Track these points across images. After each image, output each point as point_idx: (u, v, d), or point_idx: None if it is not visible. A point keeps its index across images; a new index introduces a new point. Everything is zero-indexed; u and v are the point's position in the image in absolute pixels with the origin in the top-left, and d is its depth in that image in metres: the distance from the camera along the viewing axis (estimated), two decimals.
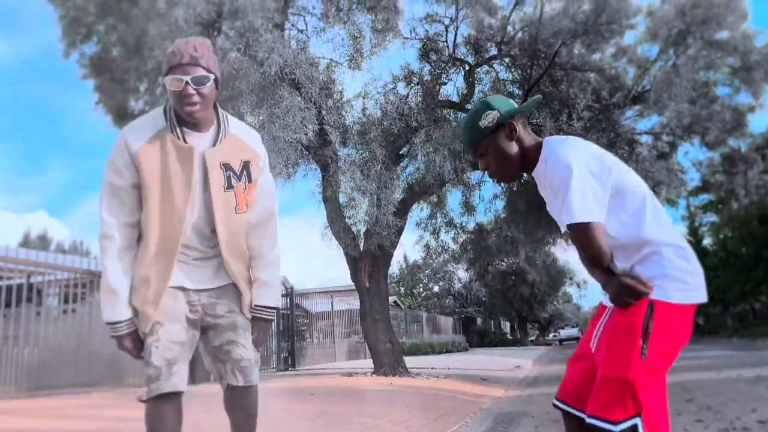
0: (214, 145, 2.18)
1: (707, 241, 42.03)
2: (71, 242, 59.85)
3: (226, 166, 2.18)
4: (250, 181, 2.23)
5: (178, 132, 2.13)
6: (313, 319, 22.54)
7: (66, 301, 10.47)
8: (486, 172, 2.19)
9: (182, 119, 2.13)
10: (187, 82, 2.03)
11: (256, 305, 2.31)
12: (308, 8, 10.30)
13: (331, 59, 11.46)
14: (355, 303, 24.30)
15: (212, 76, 2.11)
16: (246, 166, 2.23)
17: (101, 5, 10.61)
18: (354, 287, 12.94)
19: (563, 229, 1.93)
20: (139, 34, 9.98)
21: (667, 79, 10.20)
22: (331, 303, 24.97)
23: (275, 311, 2.36)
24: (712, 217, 41.20)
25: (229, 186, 2.17)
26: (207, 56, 2.11)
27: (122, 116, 11.08)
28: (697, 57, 11.01)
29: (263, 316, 2.31)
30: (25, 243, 68.30)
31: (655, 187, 10.09)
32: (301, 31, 10.51)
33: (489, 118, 2.10)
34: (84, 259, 11.19)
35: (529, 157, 2.11)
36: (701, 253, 41.20)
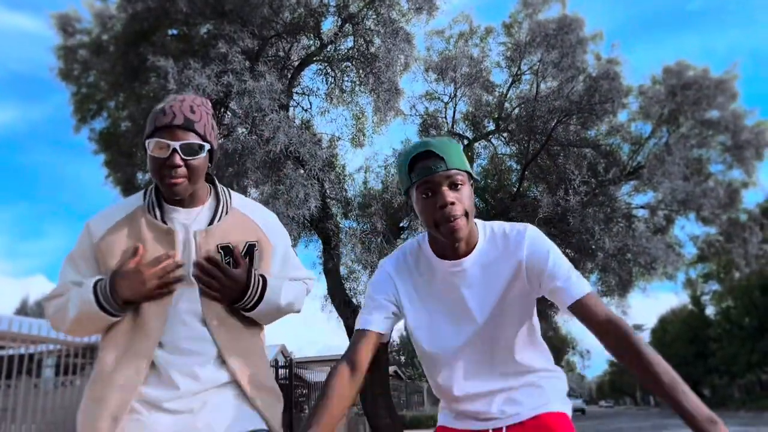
0: (210, 224, 1.74)
1: (710, 311, 41.77)
2: None
3: (225, 249, 1.73)
4: (254, 267, 1.77)
5: (156, 211, 1.71)
6: (312, 390, 22.23)
7: (64, 372, 10.44)
8: (445, 211, 1.61)
9: (168, 199, 1.73)
10: (174, 150, 1.62)
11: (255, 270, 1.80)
12: (313, 89, 10.73)
13: (333, 134, 11.92)
14: None
15: (207, 146, 1.69)
16: (250, 249, 1.78)
17: (113, 83, 11.05)
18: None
19: (568, 303, 1.62)
20: (149, 110, 10.37)
21: (660, 158, 10.52)
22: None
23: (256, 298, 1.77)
24: (714, 286, 41.21)
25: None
26: (204, 121, 1.71)
27: (130, 189, 11.37)
28: (689, 135, 11.38)
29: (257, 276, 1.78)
30: (23, 309, 68.13)
31: (651, 263, 10.23)
32: (306, 110, 10.93)
33: (464, 155, 1.75)
34: None
35: (471, 232, 1.73)
36: (704, 324, 40.96)
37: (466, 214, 1.64)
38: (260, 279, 1.77)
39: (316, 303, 13.31)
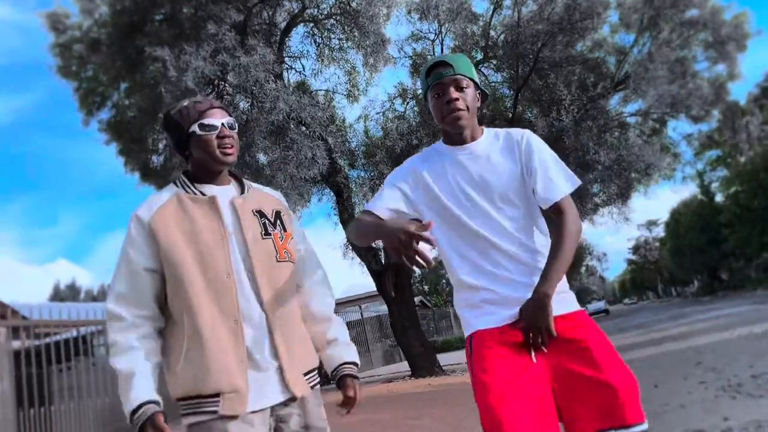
0: (241, 194, 1.98)
1: (719, 198, 42.31)
2: (99, 287, 61.02)
3: (260, 213, 1.97)
4: (285, 230, 2.01)
5: (193, 189, 1.91)
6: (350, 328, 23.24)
7: None
8: (451, 105, 1.97)
9: (196, 178, 1.94)
10: (222, 124, 1.87)
11: (345, 362, 2.10)
12: (303, 52, 11.10)
13: (328, 90, 12.35)
14: (381, 308, 25.08)
15: (236, 124, 1.99)
16: (278, 215, 2.03)
17: (114, 76, 11.47)
18: (374, 292, 13.76)
19: (546, 203, 1.98)
20: (153, 97, 10.86)
21: (643, 67, 10.87)
22: (360, 312, 25.75)
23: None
24: (721, 172, 41.64)
25: (266, 233, 1.94)
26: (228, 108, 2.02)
27: (147, 174, 11.95)
28: (671, 39, 11.66)
29: (354, 372, 2.10)
30: (56, 294, 70.34)
31: (647, 170, 10.76)
32: (300, 72, 11.33)
33: (474, 70, 2.09)
34: None
35: (474, 127, 2.07)
36: (715, 211, 41.58)
37: (468, 109, 1.99)
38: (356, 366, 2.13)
39: (337, 252, 14.06)
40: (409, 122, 12.87)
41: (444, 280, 50.79)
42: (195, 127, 1.87)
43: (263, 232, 1.93)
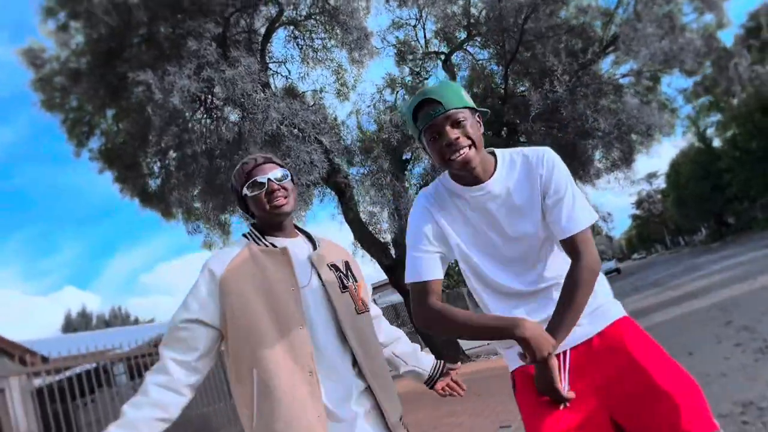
0: (315, 248, 2.03)
1: (716, 144, 42.13)
2: (110, 310, 60.92)
3: (335, 267, 2.01)
4: (356, 280, 2.06)
5: (264, 241, 1.96)
6: None
7: (138, 374, 11.21)
8: (452, 147, 1.77)
9: (264, 231, 2.01)
10: (269, 179, 1.92)
11: (437, 361, 2.32)
12: (287, 56, 10.92)
13: (316, 91, 12.16)
14: (394, 297, 25.05)
15: (288, 172, 2.02)
16: (348, 266, 2.08)
17: (99, 105, 11.31)
18: (388, 280, 13.70)
19: (563, 235, 1.79)
20: (141, 122, 10.71)
21: (630, 27, 10.69)
22: (374, 301, 25.78)
23: None
24: (716, 117, 41.42)
25: (344, 287, 1.98)
26: (277, 158, 2.05)
27: (146, 199, 11.82)
28: None
29: (446, 367, 2.33)
30: (68, 324, 70.41)
31: (648, 130, 10.62)
32: (286, 77, 11.16)
33: (466, 93, 1.88)
34: (136, 327, 11.94)
35: (485, 160, 1.86)
36: (715, 157, 41.41)
37: (473, 145, 1.78)
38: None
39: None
40: (402, 112, 12.71)
41: (453, 261, 50.81)
42: (246, 190, 1.95)
43: (341, 286, 1.97)
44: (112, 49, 9.99)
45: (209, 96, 10.41)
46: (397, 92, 14.09)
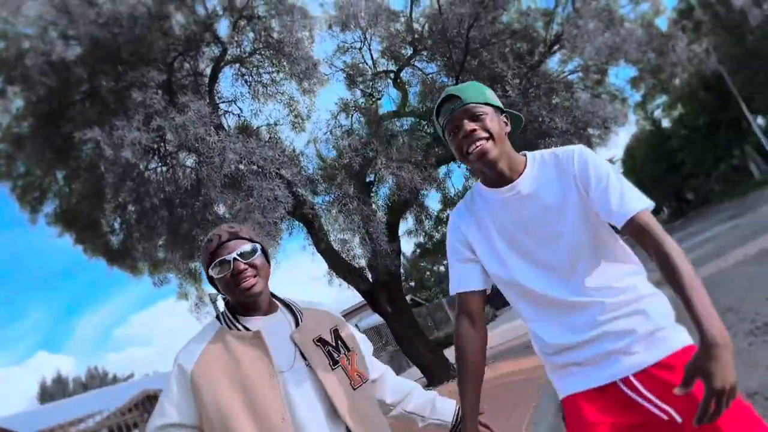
0: (297, 324, 1.85)
1: (666, 125, 43.21)
2: (86, 372, 58.86)
3: (322, 342, 1.84)
4: (348, 349, 1.89)
5: (238, 325, 1.80)
6: None
7: None
8: (468, 138, 1.73)
9: (237, 311, 1.85)
10: (235, 258, 1.77)
11: (458, 407, 2.12)
12: (236, 95, 10.76)
13: (271, 125, 12.00)
14: (374, 317, 24.83)
15: (258, 246, 1.86)
16: (337, 335, 1.91)
17: (46, 167, 10.95)
18: (365, 301, 13.54)
19: (621, 220, 1.63)
20: (94, 180, 10.39)
21: (572, 24, 10.84)
22: (357, 326, 25.50)
23: None
24: (661, 99, 42.50)
25: (334, 362, 1.81)
26: (245, 229, 1.89)
27: (112, 257, 11.47)
28: None
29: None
30: (44, 392, 67.83)
31: (604, 123, 10.73)
32: (239, 115, 10.98)
33: (491, 93, 1.85)
34: (115, 387, 11.58)
35: (512, 158, 1.80)
36: (666, 138, 42.43)
37: (491, 137, 1.72)
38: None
39: (321, 282, 13.75)
40: (359, 135, 12.63)
41: (428, 273, 50.79)
42: (211, 271, 1.82)
43: (331, 363, 1.82)
44: (53, 109, 9.69)
45: (162, 144, 10.16)
46: (352, 115, 13.99)
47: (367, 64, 14.43)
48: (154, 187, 10.15)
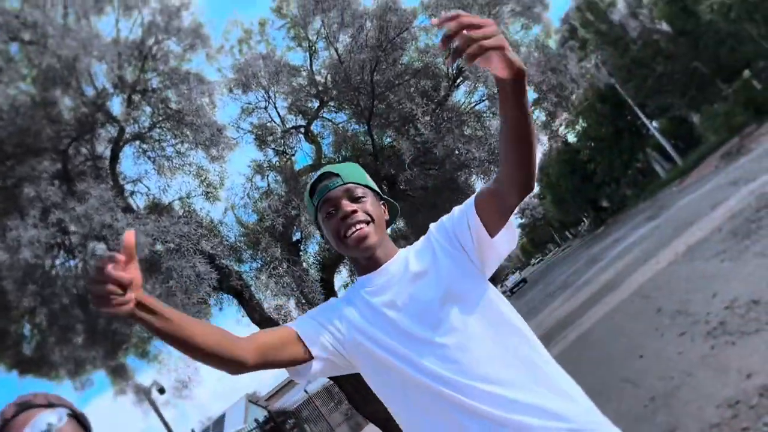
0: None
1: (572, 139, 45.12)
2: None
3: None
4: None
5: None
6: (296, 416, 22.13)
7: None
8: (347, 220, 1.57)
9: None
10: None
11: None
12: (141, 173, 10.15)
13: (183, 198, 11.38)
14: (324, 379, 24.02)
15: (68, 412, 1.44)
16: None
17: None
18: None
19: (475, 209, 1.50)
20: None
21: None
22: (305, 391, 24.65)
23: None
24: (562, 117, 44.47)
25: None
26: (46, 397, 1.46)
27: (25, 368, 10.52)
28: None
29: None
30: None
31: (494, 139, 10.80)
32: (146, 194, 10.35)
33: (369, 178, 1.75)
34: None
35: (388, 248, 1.66)
36: (574, 152, 44.21)
37: (372, 221, 1.60)
38: None
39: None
40: (278, 194, 12.21)
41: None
42: None
43: None
44: None
45: (66, 238, 9.39)
46: (268, 176, 13.57)
47: (275, 122, 14.11)
48: (63, 285, 9.32)
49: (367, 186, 1.69)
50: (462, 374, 1.43)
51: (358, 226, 1.58)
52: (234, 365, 1.35)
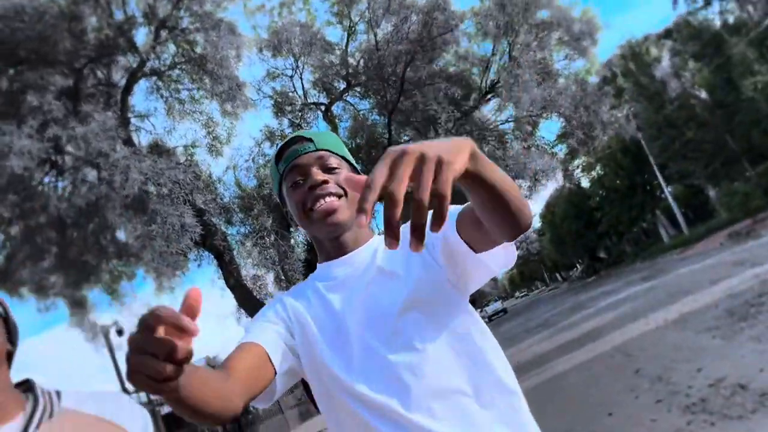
0: None
1: (585, 184, 44.85)
2: None
3: None
4: None
5: None
6: None
7: None
8: (315, 191, 1.31)
9: None
10: None
11: None
12: (150, 110, 9.89)
13: (187, 146, 11.12)
14: None
15: None
16: None
17: None
18: None
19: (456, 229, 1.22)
20: None
21: (509, 72, 10.70)
22: None
23: None
24: (580, 160, 44.24)
25: None
26: None
27: None
28: (529, 42, 11.64)
29: None
30: None
31: (535, 176, 10.54)
32: (151, 132, 10.09)
33: (345, 148, 1.48)
34: None
35: (359, 232, 1.41)
36: (585, 197, 43.95)
37: (344, 195, 1.33)
38: None
39: (230, 320, 12.80)
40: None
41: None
42: None
43: None
44: None
45: (60, 157, 9.12)
46: (277, 145, 13.30)
47: (297, 93, 13.86)
48: (44, 204, 9.05)
49: (343, 158, 1.40)
50: (405, 405, 1.15)
51: (327, 199, 1.31)
52: (226, 418, 1.07)
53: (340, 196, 1.32)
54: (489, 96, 12.22)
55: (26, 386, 1.28)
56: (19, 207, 8.47)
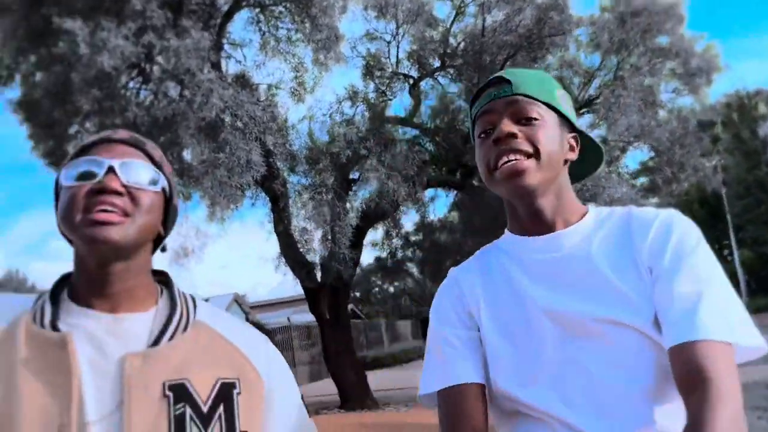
0: (156, 343, 0.99)
1: None
2: (5, 273, 55.49)
3: (178, 390, 0.96)
4: (233, 427, 0.99)
5: (46, 315, 0.97)
6: (269, 336, 22.12)
7: None
8: (500, 146, 1.10)
9: (78, 293, 1.02)
10: (110, 168, 0.98)
11: None
12: (245, 41, 9.84)
13: (271, 85, 11.07)
14: (309, 316, 24.02)
15: (163, 178, 1.08)
16: (225, 393, 1.01)
17: (17, 48, 9.87)
18: (311, 312, 12.65)
19: (674, 339, 0.98)
20: (61, 77, 9.35)
21: (614, 92, 10.19)
22: (288, 319, 24.65)
23: None
24: (653, 200, 42.68)
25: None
26: (154, 150, 1.12)
27: (56, 164, 10.49)
28: (640, 65, 11.07)
29: None
30: None
31: (611, 203, 10.07)
32: (240, 62, 10.06)
33: (564, 96, 1.20)
34: (22, 295, 10.57)
35: (564, 199, 1.16)
36: None
37: (537, 155, 1.09)
38: None
39: (269, 265, 12.87)
40: (358, 128, 11.76)
41: (376, 288, 49.94)
42: (63, 177, 1.00)
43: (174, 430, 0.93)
44: None
45: (149, 65, 9.18)
46: (357, 107, 13.14)
47: (390, 60, 13.60)
48: (123, 107, 9.15)
49: (549, 105, 1.13)
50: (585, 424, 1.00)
51: (512, 156, 1.08)
52: None
53: (529, 156, 1.09)
54: (584, 110, 11.69)
55: (162, 278, 1.15)
56: (99, 103, 8.57)
